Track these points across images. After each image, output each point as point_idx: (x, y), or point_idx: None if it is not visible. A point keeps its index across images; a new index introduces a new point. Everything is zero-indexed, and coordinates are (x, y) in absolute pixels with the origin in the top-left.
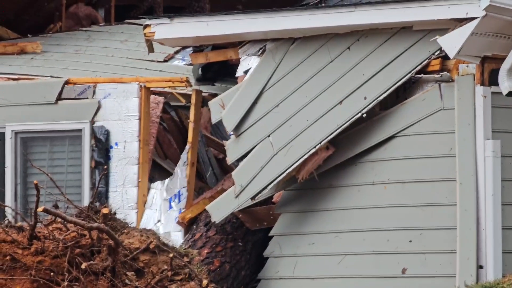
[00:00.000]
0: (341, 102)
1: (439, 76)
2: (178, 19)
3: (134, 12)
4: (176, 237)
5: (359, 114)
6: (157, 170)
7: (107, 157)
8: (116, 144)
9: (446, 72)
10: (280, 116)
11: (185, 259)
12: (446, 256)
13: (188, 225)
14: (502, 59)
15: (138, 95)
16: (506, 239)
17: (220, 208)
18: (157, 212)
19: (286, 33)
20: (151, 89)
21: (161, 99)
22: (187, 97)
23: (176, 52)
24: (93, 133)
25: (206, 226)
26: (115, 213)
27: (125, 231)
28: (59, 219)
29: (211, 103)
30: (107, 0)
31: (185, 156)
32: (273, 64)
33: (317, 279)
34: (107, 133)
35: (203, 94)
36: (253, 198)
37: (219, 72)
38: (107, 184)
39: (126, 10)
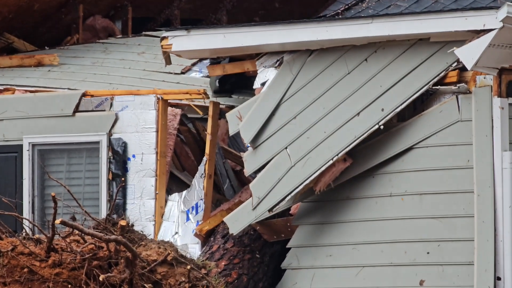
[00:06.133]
0: (358, 113)
1: (456, 87)
2: (195, 31)
3: (151, 24)
4: (194, 249)
5: (377, 126)
6: (174, 182)
7: (124, 169)
8: (134, 156)
9: (463, 84)
10: (298, 128)
11: (203, 271)
12: (464, 267)
13: (206, 237)
14: None
15: (155, 107)
16: None
17: (238, 220)
18: (174, 224)
19: (303, 45)
20: (168, 101)
21: (178, 111)
22: (205, 109)
23: (193, 64)
24: (110, 145)
25: (224, 238)
26: (132, 225)
27: (143, 243)
28: (77, 231)
29: (228, 115)
30: (124, 13)
31: (203, 168)
32: (291, 76)
33: None
34: (125, 145)
35: (221, 106)
36: (270, 210)
37: (236, 84)
38: (124, 196)
39: (143, 22)
